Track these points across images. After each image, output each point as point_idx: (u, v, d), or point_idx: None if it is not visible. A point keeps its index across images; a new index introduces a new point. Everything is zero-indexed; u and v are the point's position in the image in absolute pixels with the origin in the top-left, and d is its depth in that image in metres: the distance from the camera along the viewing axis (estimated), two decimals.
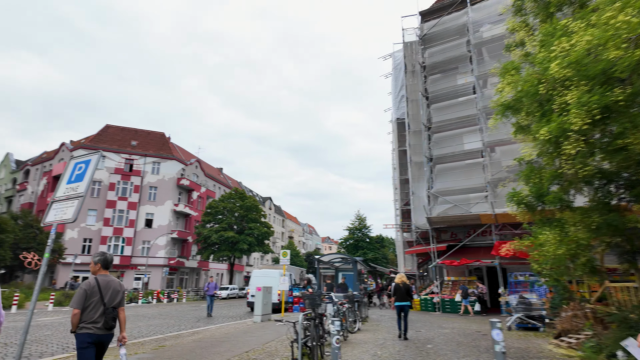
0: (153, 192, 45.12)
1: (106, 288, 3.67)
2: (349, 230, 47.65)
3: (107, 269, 3.89)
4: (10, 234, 26.20)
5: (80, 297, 3.53)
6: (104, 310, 3.55)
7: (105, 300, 3.59)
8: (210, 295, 16.57)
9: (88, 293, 3.56)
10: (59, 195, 6.34)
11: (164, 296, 31.17)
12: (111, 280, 3.80)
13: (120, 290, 3.84)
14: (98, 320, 3.50)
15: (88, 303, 3.54)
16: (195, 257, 49.52)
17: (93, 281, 3.65)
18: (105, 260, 3.91)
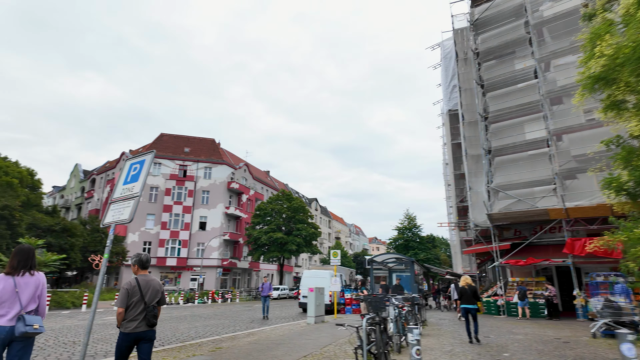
0: (206, 196, 46.86)
1: (146, 287, 3.85)
2: (398, 230, 46.27)
3: (145, 269, 4.07)
4: (80, 238, 28.25)
5: (124, 297, 3.74)
6: (144, 308, 3.74)
7: (145, 298, 3.78)
8: (265, 296, 15.85)
9: (130, 292, 3.77)
10: (116, 196, 6.36)
11: (219, 296, 32.04)
12: (151, 279, 3.96)
13: (159, 290, 3.98)
14: (138, 317, 3.70)
15: (130, 302, 3.74)
16: (246, 258, 50.73)
17: (134, 281, 3.84)
18: (140, 260, 4.07)
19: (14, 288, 3.20)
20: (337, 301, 17.04)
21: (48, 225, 25.35)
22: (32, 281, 3.33)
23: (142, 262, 4.07)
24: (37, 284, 3.36)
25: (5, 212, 22.19)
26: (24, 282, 3.28)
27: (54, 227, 25.54)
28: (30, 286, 3.30)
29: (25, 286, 3.27)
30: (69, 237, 26.73)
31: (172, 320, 14.63)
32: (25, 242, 19.01)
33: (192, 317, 16.16)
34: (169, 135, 51.15)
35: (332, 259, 17.15)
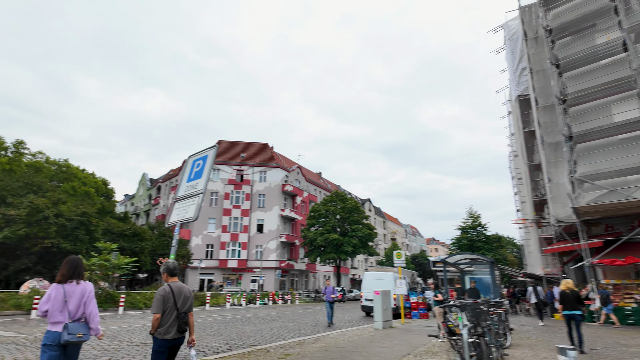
0: (262, 199, 47.84)
1: (179, 294, 3.90)
2: (461, 230, 43.63)
3: (173, 276, 4.08)
4: (149, 242, 29.89)
5: (159, 302, 3.76)
6: (177, 314, 3.79)
7: (178, 305, 3.82)
8: (330, 302, 14.28)
9: (165, 299, 3.79)
10: (180, 195, 6.11)
11: (279, 298, 32.23)
12: (182, 286, 4.02)
13: (190, 296, 4.03)
14: (173, 324, 3.75)
15: (165, 308, 3.77)
16: (303, 260, 50.96)
17: (168, 288, 3.88)
18: (168, 268, 4.08)
19: (63, 296, 3.42)
20: (403, 305, 16.02)
21: (120, 230, 27.11)
22: (78, 290, 3.53)
23: (170, 270, 4.08)
24: (84, 292, 3.55)
25: (84, 219, 24.01)
26: (72, 290, 3.48)
27: (125, 232, 27.26)
28: (77, 294, 3.49)
29: (73, 294, 3.47)
30: (139, 241, 28.37)
31: (236, 322, 14.60)
32: (101, 246, 20.32)
33: (255, 319, 16.08)
34: (225, 142, 53.02)
35: (395, 260, 16.16)
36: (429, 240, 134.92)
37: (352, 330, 11.99)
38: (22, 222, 21.42)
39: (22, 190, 25.05)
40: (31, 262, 22.10)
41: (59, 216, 22.78)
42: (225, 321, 14.79)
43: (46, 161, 40.07)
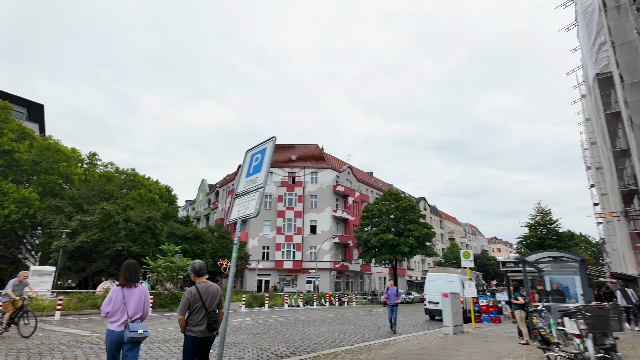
0: (314, 200, 47.87)
1: (205, 293, 3.96)
2: (529, 227, 40.22)
3: (200, 276, 4.14)
4: (209, 244, 30.95)
5: (184, 305, 3.85)
6: (205, 313, 3.87)
7: (206, 304, 3.90)
8: (392, 305, 12.63)
9: (190, 300, 3.87)
10: (240, 190, 5.81)
11: (335, 299, 31.81)
12: (209, 285, 4.06)
13: (217, 294, 4.08)
14: (202, 323, 3.84)
15: (193, 308, 3.85)
16: (357, 261, 50.18)
17: (194, 289, 3.94)
18: (194, 269, 4.15)
19: (123, 298, 3.71)
20: (473, 308, 14.77)
21: (183, 233, 28.33)
22: (136, 292, 3.85)
23: (196, 270, 4.14)
24: (141, 294, 3.85)
25: (150, 223, 25.37)
26: (130, 293, 3.79)
27: (187, 235, 28.44)
28: (135, 296, 3.78)
29: (131, 297, 3.76)
30: (201, 243, 29.47)
31: (296, 324, 14.33)
32: (166, 248, 21.23)
33: (315, 320, 15.73)
34: (277, 145, 53.85)
35: (463, 260, 14.97)
36: (490, 240, 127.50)
37: (420, 336, 11.14)
38: (96, 227, 23.10)
39: (95, 198, 27.09)
40: (105, 264, 23.77)
41: (127, 221, 24.28)
42: (285, 322, 14.60)
43: (116, 171, 43.34)
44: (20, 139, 30.13)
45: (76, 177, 31.82)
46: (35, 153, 29.39)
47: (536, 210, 40.82)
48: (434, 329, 13.27)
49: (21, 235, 29.13)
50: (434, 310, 17.56)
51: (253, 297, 26.04)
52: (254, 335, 10.54)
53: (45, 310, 15.11)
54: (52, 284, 20.06)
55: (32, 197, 27.36)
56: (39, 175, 30.54)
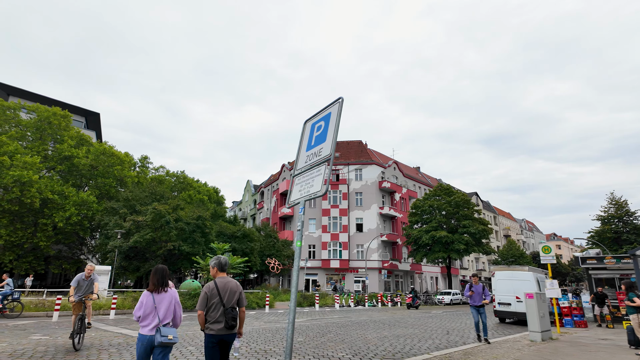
0: (359, 198, 46.52)
1: (224, 289, 3.77)
2: (601, 221, 36.24)
3: (223, 272, 3.95)
4: (257, 243, 30.72)
5: (203, 299, 3.71)
6: (224, 310, 3.68)
7: (224, 301, 3.71)
8: (477, 307, 9.69)
9: (208, 295, 3.71)
10: (301, 167, 4.80)
11: (387, 299, 30.34)
12: (228, 281, 3.87)
13: (237, 291, 3.86)
14: (220, 319, 3.66)
15: (210, 304, 3.69)
16: (407, 260, 48.15)
17: (212, 284, 3.79)
18: (219, 263, 3.96)
19: (153, 303, 3.66)
20: (556, 311, 12.84)
21: (232, 232, 28.29)
22: (166, 297, 3.75)
23: (221, 265, 3.98)
24: (171, 299, 3.76)
25: (199, 222, 25.47)
26: (160, 298, 3.71)
27: (236, 234, 28.36)
28: (165, 301, 3.72)
29: (161, 301, 3.69)
30: (249, 242, 29.29)
31: (353, 326, 13.23)
32: (215, 246, 21.01)
33: (372, 323, 14.53)
34: None
35: (542, 255, 13.09)
36: (548, 237, 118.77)
37: (503, 343, 9.59)
38: (148, 227, 23.50)
39: (147, 200, 27.73)
40: (157, 263, 24.11)
41: (178, 220, 24.52)
42: (342, 324, 13.54)
43: (166, 174, 44.79)
44: (78, 146, 31.73)
45: (129, 179, 32.96)
46: (92, 158, 30.75)
47: (609, 202, 36.72)
48: (514, 334, 11.59)
49: (82, 236, 30.58)
50: (505, 312, 15.71)
51: (303, 297, 25.32)
52: (311, 339, 9.57)
53: (102, 309, 15.20)
54: (109, 283, 20.50)
55: (90, 200, 28.61)
56: (95, 179, 31.98)
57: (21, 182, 25.21)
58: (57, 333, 9.56)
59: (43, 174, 28.85)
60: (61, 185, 28.51)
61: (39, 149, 29.55)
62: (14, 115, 29.87)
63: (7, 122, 29.51)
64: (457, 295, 37.01)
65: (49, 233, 27.34)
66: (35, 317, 13.63)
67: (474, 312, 9.84)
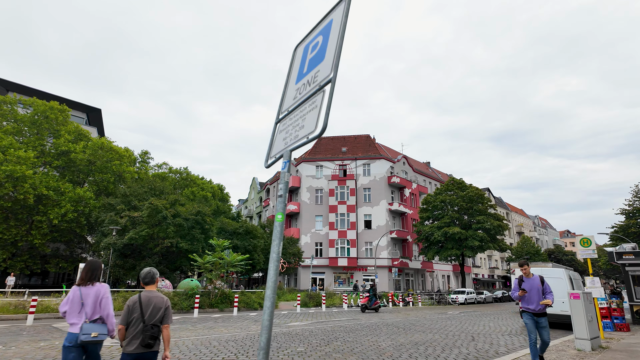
0: (367, 194, 44.91)
1: (147, 304, 3.44)
2: (626, 214, 34.17)
3: (149, 284, 3.60)
4: (261, 240, 29.32)
5: (124, 313, 3.44)
6: (143, 327, 3.36)
7: (145, 317, 3.40)
8: (536, 315, 6.30)
9: (130, 309, 3.44)
10: (287, 107, 3.28)
11: (398, 299, 28.73)
12: (154, 296, 3.52)
13: (162, 307, 3.49)
14: (137, 336, 3.35)
15: (130, 319, 3.40)
16: (417, 258, 46.41)
17: (136, 297, 3.49)
18: (145, 276, 3.60)
19: (80, 298, 3.45)
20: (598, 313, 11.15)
21: (234, 229, 26.93)
22: (93, 291, 3.51)
23: (141, 278, 3.58)
24: (98, 294, 3.51)
25: (198, 217, 24.13)
26: (86, 292, 3.49)
27: (238, 230, 27.00)
28: (91, 296, 3.48)
29: (87, 296, 3.47)
30: (251, 238, 27.90)
31: (364, 330, 11.68)
32: (214, 242, 19.62)
33: (385, 326, 12.97)
34: (326, 138, 51.63)
35: (580, 249, 11.41)
36: (562, 234, 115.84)
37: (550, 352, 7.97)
38: (144, 223, 22.22)
39: (146, 195, 26.49)
40: (154, 262, 22.86)
41: (176, 216, 23.21)
42: (350, 328, 12.00)
43: (169, 170, 43.64)
44: (77, 141, 30.63)
45: (128, 175, 31.80)
46: (90, 153, 29.61)
47: (634, 195, 34.60)
48: (552, 340, 9.94)
49: (80, 234, 29.48)
50: None
51: (309, 297, 23.85)
52: (314, 349, 8.06)
53: None
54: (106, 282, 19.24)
55: (87, 196, 27.46)
56: (93, 174, 30.86)
57: (14, 178, 24.13)
58: (17, 341, 8.20)
59: (39, 170, 27.79)
60: (57, 181, 27.42)
61: (35, 144, 28.51)
62: (11, 110, 28.86)
63: (4, 117, 28.52)
64: (471, 295, 35.23)
65: (44, 230, 26.25)
66: (11, 320, 12.35)
67: (529, 323, 6.22)
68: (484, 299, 37.11)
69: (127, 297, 16.39)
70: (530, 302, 6.26)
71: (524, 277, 6.53)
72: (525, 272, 6.49)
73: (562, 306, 13.27)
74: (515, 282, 6.62)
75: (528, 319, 6.26)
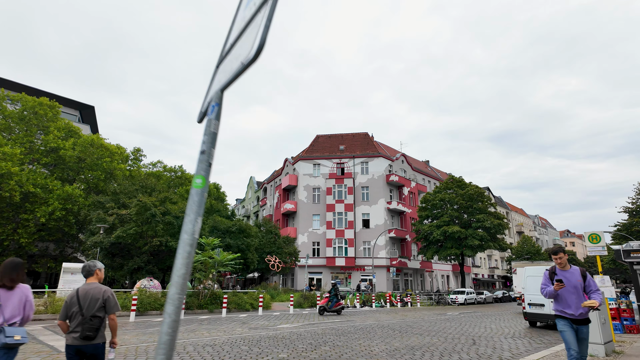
0: (365, 192, 44.16)
1: (85, 297, 3.47)
2: (629, 213, 33.43)
3: (88, 277, 3.61)
4: (255, 239, 28.52)
5: (63, 309, 3.51)
6: (82, 319, 3.39)
7: (83, 309, 3.42)
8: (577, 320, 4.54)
9: (68, 303, 3.48)
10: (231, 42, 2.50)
11: (396, 300, 27.96)
12: (92, 288, 3.53)
13: (99, 298, 3.48)
14: (77, 329, 3.39)
15: (70, 313, 3.44)
16: (416, 257, 45.62)
17: (74, 291, 3.54)
18: (84, 269, 3.62)
19: None
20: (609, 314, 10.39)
21: (226, 227, 26.14)
22: (16, 293, 3.36)
23: (85, 271, 3.60)
24: (21, 296, 3.38)
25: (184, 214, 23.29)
26: (7, 294, 3.32)
27: (231, 229, 26.22)
28: (14, 298, 3.33)
29: (8, 299, 3.31)
30: (245, 237, 27.12)
31: (357, 333, 10.91)
32: (204, 241, 18.84)
33: (380, 328, 12.19)
34: (324, 135, 50.91)
35: (589, 245, 10.67)
36: (562, 233, 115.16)
37: (550, 357, 7.21)
38: (132, 221, 21.44)
39: (137, 193, 25.70)
40: (143, 261, 22.05)
41: (166, 214, 22.42)
42: (343, 331, 11.23)
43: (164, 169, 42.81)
44: (67, 138, 29.84)
45: (120, 172, 31.00)
46: (80, 149, 28.80)
47: (637, 193, 33.87)
48: (555, 343, 9.18)
49: (69, 233, 28.66)
50: (537, 314, 13.26)
51: (303, 297, 23.10)
52: (299, 355, 7.28)
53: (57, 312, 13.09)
54: None
55: (76, 193, 26.64)
56: (83, 172, 30.05)
57: None
58: None
59: (26, 167, 26.99)
60: (45, 178, 26.61)
61: (24, 141, 27.71)
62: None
63: None
64: (471, 295, 34.47)
65: (31, 229, 25.44)
66: None
67: (566, 333, 4.53)
68: (484, 299, 36.35)
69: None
70: (566, 304, 4.53)
71: (558, 269, 4.76)
72: (560, 263, 4.72)
73: None
74: (545, 275, 4.85)
75: (564, 327, 4.53)
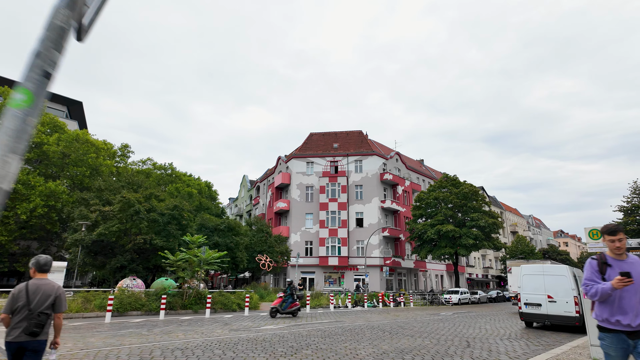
0: (359, 191, 43.60)
1: (35, 292, 3.33)
2: (624, 212, 33.18)
3: (42, 272, 3.47)
4: (245, 237, 27.83)
5: (8, 301, 3.35)
6: (28, 314, 3.25)
7: (31, 305, 3.29)
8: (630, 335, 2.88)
9: (15, 297, 3.32)
10: None
11: (389, 300, 27.41)
12: (44, 284, 3.40)
13: (51, 295, 3.37)
14: (19, 324, 3.24)
15: (15, 307, 3.28)
16: (410, 257, 45.15)
17: (23, 285, 3.37)
18: (37, 263, 3.47)
19: None
20: None
21: (214, 225, 25.43)
22: None
23: (40, 265, 3.43)
24: None
25: (175, 212, 22.61)
26: None
27: (219, 227, 25.51)
28: None
29: None
30: (234, 235, 26.43)
31: (344, 335, 10.30)
32: (189, 239, 18.14)
33: (369, 329, 11.59)
34: (317, 134, 50.26)
35: (589, 241, 10.19)
36: (555, 234, 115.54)
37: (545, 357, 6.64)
38: (115, 218, 20.68)
39: (122, 190, 24.92)
40: (126, 259, 21.30)
41: (150, 211, 21.68)
42: (329, 333, 10.61)
43: (153, 166, 41.96)
44: (52, 133, 28.96)
45: (106, 169, 30.16)
46: (64, 145, 27.93)
47: (632, 192, 33.64)
48: (553, 344, 8.63)
49: (52, 230, 27.79)
50: (534, 314, 12.73)
51: None
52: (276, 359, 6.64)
53: None
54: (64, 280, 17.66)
55: (59, 190, 25.79)
56: (68, 168, 29.19)
57: None
58: None
59: None
60: (27, 174, 25.73)
61: None
62: None
63: None
64: (465, 294, 34.04)
65: (11, 227, 24.57)
66: None
67: (613, 351, 2.96)
68: (478, 299, 35.96)
69: (88, 297, 14.87)
70: (622, 309, 2.93)
71: (610, 257, 3.09)
72: (619, 247, 3.05)
73: (566, 306, 12.05)
74: (592, 266, 3.15)
75: (613, 344, 2.95)
